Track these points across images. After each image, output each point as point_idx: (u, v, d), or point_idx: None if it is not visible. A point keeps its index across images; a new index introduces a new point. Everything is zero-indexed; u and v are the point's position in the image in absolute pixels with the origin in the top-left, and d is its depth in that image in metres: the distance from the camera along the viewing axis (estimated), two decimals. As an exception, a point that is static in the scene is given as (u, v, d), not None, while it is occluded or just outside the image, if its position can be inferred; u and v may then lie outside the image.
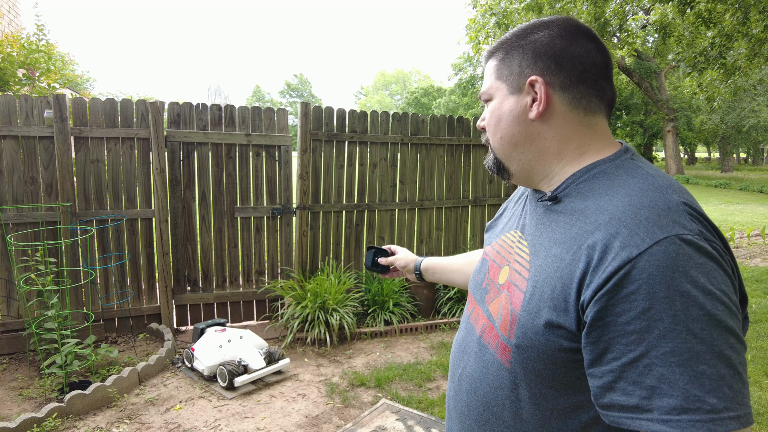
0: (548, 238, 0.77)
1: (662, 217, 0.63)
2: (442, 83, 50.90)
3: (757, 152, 45.23)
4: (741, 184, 20.64)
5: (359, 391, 3.24)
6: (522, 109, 0.80)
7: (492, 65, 0.85)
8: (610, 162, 0.77)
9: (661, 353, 0.58)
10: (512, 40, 0.83)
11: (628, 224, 0.65)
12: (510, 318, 0.77)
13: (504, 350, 0.78)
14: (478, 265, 1.02)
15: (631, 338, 0.60)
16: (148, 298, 4.03)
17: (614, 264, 0.62)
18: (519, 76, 0.80)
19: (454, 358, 0.96)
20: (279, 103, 56.88)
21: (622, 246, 0.63)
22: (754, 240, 8.86)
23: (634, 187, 0.70)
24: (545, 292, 0.72)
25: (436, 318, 4.52)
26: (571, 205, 0.77)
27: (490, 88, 0.85)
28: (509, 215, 1.02)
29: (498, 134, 0.84)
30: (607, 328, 0.62)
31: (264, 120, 4.16)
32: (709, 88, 8.34)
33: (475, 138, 4.91)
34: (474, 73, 24.78)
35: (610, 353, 0.62)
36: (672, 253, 0.60)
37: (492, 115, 0.85)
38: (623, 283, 0.61)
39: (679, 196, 0.68)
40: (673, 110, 23.78)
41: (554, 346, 0.70)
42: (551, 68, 0.78)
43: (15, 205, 3.52)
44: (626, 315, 0.60)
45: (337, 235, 4.48)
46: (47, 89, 5.12)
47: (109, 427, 2.74)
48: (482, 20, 8.33)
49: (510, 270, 0.85)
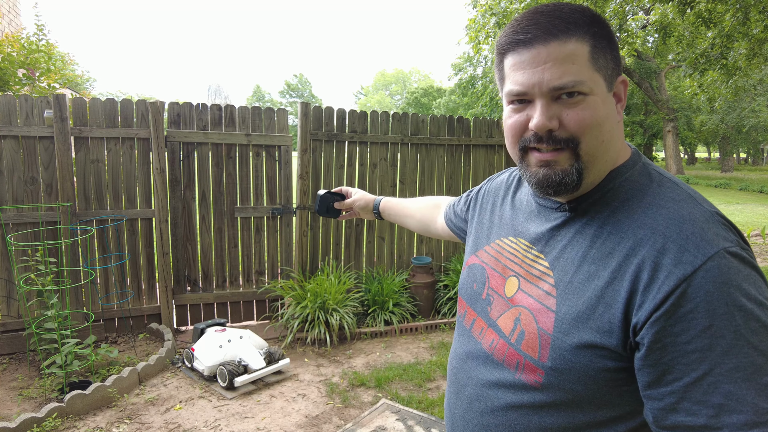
0: (576, 252, 0.73)
1: (706, 231, 0.63)
2: (442, 83, 50.93)
3: (757, 152, 45.22)
4: (741, 184, 20.64)
5: (359, 391, 3.24)
6: (615, 111, 0.72)
7: (583, 50, 0.68)
8: (631, 168, 0.74)
9: (725, 370, 0.57)
10: (591, 25, 0.69)
11: (675, 240, 0.63)
12: (540, 339, 0.72)
13: (532, 371, 0.73)
14: (471, 272, 0.94)
15: (693, 357, 0.58)
16: (148, 298, 4.03)
17: (669, 283, 0.60)
18: (613, 72, 0.71)
19: (458, 374, 0.90)
20: (279, 103, 56.89)
21: (674, 263, 0.61)
22: (754, 240, 8.87)
23: (666, 198, 0.68)
24: (583, 312, 0.68)
25: (436, 318, 4.52)
26: (598, 216, 0.72)
27: (590, 79, 0.68)
28: (488, 217, 0.98)
29: (600, 137, 0.70)
30: (665, 350, 0.60)
31: (264, 120, 4.16)
32: (710, 88, 8.34)
33: (475, 138, 4.91)
34: (474, 73, 24.75)
35: (671, 374, 0.60)
36: (724, 267, 0.59)
37: (593, 113, 0.69)
38: (681, 303, 0.59)
39: (708, 204, 0.68)
40: (673, 110, 23.78)
41: (597, 367, 0.67)
42: (621, 68, 0.73)
43: (15, 205, 3.52)
44: (686, 334, 0.59)
45: (337, 235, 4.48)
46: (47, 89, 5.12)
47: (109, 427, 2.74)
48: (482, 20, 8.32)
49: (522, 281, 0.80)
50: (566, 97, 0.68)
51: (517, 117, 0.73)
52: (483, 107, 20.15)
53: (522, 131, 0.73)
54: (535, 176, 0.73)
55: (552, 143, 0.70)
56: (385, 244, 4.69)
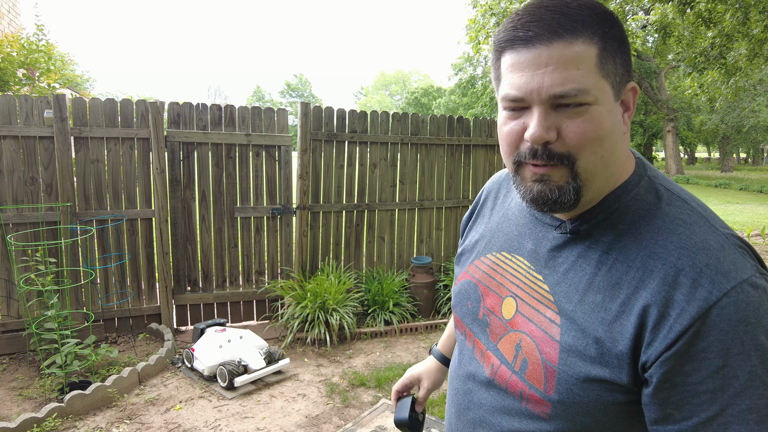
0: (579, 279, 0.68)
1: (722, 261, 0.58)
2: (442, 83, 50.91)
3: (757, 152, 45.25)
4: (741, 184, 20.64)
5: (359, 391, 3.24)
6: (621, 122, 0.66)
7: (590, 53, 0.61)
8: (637, 185, 0.68)
9: (737, 411, 0.54)
10: (602, 25, 0.62)
11: (687, 273, 0.58)
12: (545, 371, 0.68)
13: (538, 403, 0.69)
14: (463, 288, 0.88)
15: (704, 398, 0.56)
16: (148, 298, 4.03)
17: (682, 322, 0.57)
18: (622, 79, 0.64)
19: (458, 396, 0.85)
20: (279, 103, 56.89)
21: (687, 300, 0.57)
22: (754, 240, 8.87)
23: (677, 220, 0.63)
24: (589, 345, 0.64)
25: (436, 318, 4.52)
26: (602, 240, 0.67)
27: (595, 87, 0.61)
28: (484, 227, 0.91)
29: (599, 153, 0.63)
30: (675, 389, 0.57)
31: (264, 120, 4.16)
32: (710, 88, 8.34)
33: (475, 138, 4.91)
34: (474, 73, 24.75)
35: (679, 413, 0.57)
36: (742, 304, 0.56)
37: (596, 127, 0.61)
38: (693, 342, 0.56)
39: (721, 225, 0.63)
40: (673, 110, 23.79)
41: (607, 400, 0.63)
42: (631, 73, 0.66)
43: (15, 205, 3.52)
44: (698, 374, 0.56)
45: (337, 235, 4.48)
46: (47, 89, 5.12)
47: (109, 427, 2.74)
48: (482, 20, 8.33)
49: (520, 303, 0.75)
50: (568, 106, 0.61)
51: (512, 125, 0.66)
52: (483, 107, 20.17)
53: (518, 141, 0.66)
54: (530, 192, 0.67)
55: (547, 158, 0.63)
56: (385, 244, 4.69)
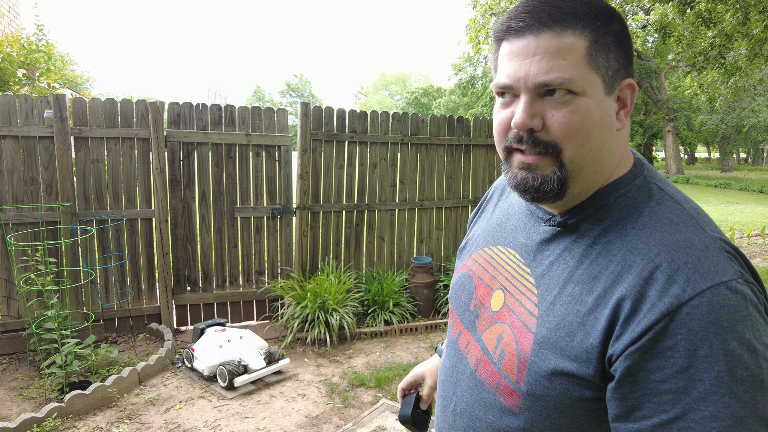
0: (561, 271, 0.68)
1: (702, 262, 0.57)
2: (442, 83, 50.91)
3: (757, 152, 45.24)
4: (741, 184, 20.64)
5: (359, 391, 3.24)
6: (613, 118, 0.66)
7: (579, 44, 0.62)
8: (630, 183, 0.68)
9: (699, 417, 0.52)
10: (595, 19, 0.63)
11: (664, 269, 0.58)
12: (518, 361, 0.68)
13: (510, 394, 0.69)
14: (460, 280, 0.90)
15: (665, 398, 0.54)
16: (148, 298, 4.03)
17: (650, 316, 0.56)
18: (615, 74, 0.65)
19: (444, 388, 0.86)
20: (279, 103, 56.88)
21: (659, 296, 0.56)
22: (754, 240, 8.87)
23: (664, 219, 0.63)
24: (561, 338, 0.64)
25: (436, 318, 4.52)
26: (588, 233, 0.67)
27: (582, 78, 0.62)
28: (486, 222, 0.92)
29: (587, 146, 0.63)
30: (637, 385, 0.56)
31: (264, 120, 4.16)
32: (710, 88, 8.34)
33: (475, 138, 4.91)
34: (474, 73, 24.76)
35: (639, 411, 0.56)
36: (716, 305, 0.54)
37: (582, 118, 0.62)
38: (659, 338, 0.55)
39: (711, 229, 0.62)
40: (673, 110, 23.79)
41: (573, 395, 0.63)
42: (630, 70, 0.66)
43: (15, 205, 3.52)
44: (660, 372, 0.55)
45: (337, 235, 4.48)
46: (47, 89, 5.12)
47: (109, 427, 2.74)
48: (482, 20, 8.33)
49: (507, 296, 0.75)
50: (553, 95, 0.62)
51: (503, 113, 0.68)
52: (483, 107, 20.18)
53: (507, 129, 0.68)
54: (514, 179, 0.69)
55: (532, 145, 0.65)
56: (385, 244, 4.69)
